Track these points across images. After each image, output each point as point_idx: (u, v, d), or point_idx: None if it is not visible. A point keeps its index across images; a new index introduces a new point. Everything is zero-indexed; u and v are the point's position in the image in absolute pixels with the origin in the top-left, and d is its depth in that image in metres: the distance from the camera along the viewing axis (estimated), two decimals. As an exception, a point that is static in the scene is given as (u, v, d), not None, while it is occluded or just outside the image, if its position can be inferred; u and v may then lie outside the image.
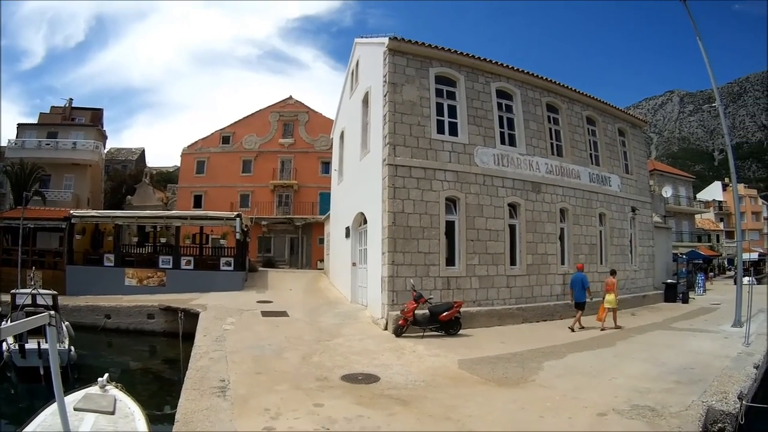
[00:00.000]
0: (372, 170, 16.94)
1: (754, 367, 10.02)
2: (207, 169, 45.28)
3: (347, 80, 23.63)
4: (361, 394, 8.01)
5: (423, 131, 16.15)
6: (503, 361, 10.84)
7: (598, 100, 22.29)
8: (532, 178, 18.37)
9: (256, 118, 46.50)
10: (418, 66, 16.61)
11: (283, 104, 47.14)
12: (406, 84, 16.20)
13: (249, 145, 45.56)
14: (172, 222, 26.15)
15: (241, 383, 8.38)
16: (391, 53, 16.18)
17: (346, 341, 12.72)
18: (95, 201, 43.04)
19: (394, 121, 15.72)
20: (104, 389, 7.17)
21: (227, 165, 45.09)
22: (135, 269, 23.94)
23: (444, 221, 15.99)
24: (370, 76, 18.23)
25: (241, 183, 44.96)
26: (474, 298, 16.19)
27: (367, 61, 19.11)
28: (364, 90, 19.00)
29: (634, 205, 23.24)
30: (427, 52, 16.74)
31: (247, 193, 44.72)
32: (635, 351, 12.22)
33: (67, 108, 46.80)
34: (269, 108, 46.83)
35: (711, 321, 17.71)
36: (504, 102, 18.57)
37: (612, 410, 7.37)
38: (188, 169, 45.85)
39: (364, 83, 19.47)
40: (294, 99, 47.60)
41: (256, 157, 45.44)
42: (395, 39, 16.15)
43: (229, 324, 14.61)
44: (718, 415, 7.41)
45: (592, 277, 19.65)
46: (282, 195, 44.94)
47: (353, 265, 20.09)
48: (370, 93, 18.26)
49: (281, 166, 45.37)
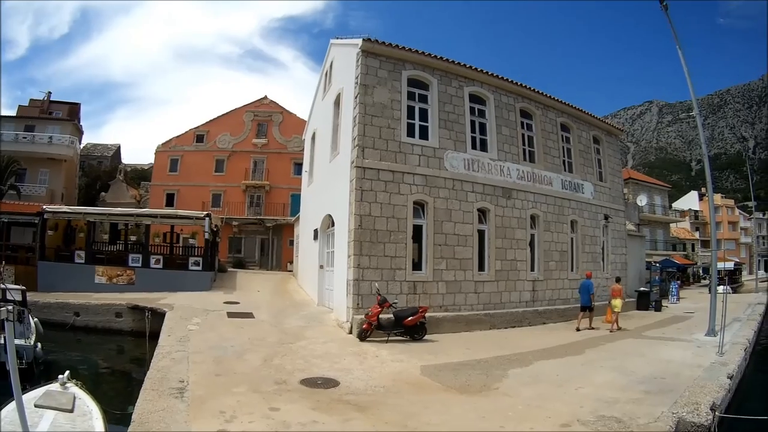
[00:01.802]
0: (341, 172, 16.71)
1: (728, 378, 9.89)
2: (180, 168, 44.85)
3: (321, 81, 23.40)
4: (318, 399, 7.86)
5: (393, 134, 15.95)
6: (467, 367, 10.69)
7: (574, 107, 22.26)
8: (502, 184, 18.25)
9: (231, 117, 46.22)
10: (391, 68, 16.41)
11: (258, 104, 46.94)
12: (378, 86, 16.00)
13: (222, 145, 45.28)
14: (143, 220, 25.86)
15: (199, 384, 8.25)
16: (364, 54, 15.99)
17: (309, 344, 12.56)
18: (69, 197, 42.40)
19: (364, 123, 15.51)
20: (64, 387, 7.15)
21: (200, 164, 44.72)
22: (105, 267, 23.60)
23: (411, 225, 15.79)
24: (343, 78, 18.01)
25: (213, 182, 44.62)
26: (441, 303, 16.01)
27: (341, 63, 18.90)
28: (337, 91, 18.76)
29: (607, 212, 23.27)
30: (401, 54, 16.56)
31: (219, 193, 44.38)
32: (604, 359, 12.07)
33: (45, 101, 46.04)
34: (244, 107, 46.61)
35: (684, 330, 17.68)
36: (477, 106, 18.45)
37: (576, 421, 7.18)
38: (162, 166, 45.36)
39: (336, 84, 19.24)
40: (269, 99, 47.42)
41: (229, 156, 45.14)
42: (368, 40, 15.97)
43: (194, 324, 14.48)
44: (690, 427, 7.26)
45: (563, 284, 19.90)
46: (254, 195, 44.67)
47: (320, 268, 19.87)
48: (342, 94, 18.02)
49: (254, 167, 45.13)
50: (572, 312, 19.61)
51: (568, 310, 19.72)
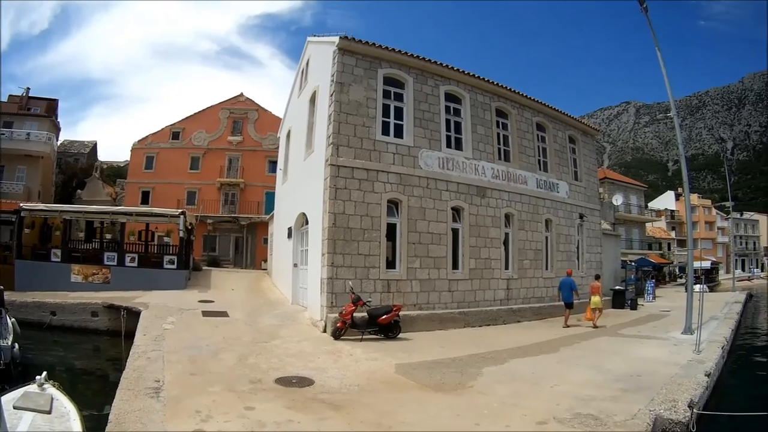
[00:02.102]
0: (315, 170, 16.63)
1: (706, 375, 9.93)
2: (156, 165, 44.30)
3: (297, 79, 23.31)
4: (293, 398, 7.80)
5: (368, 132, 15.91)
6: (442, 366, 10.64)
7: (550, 107, 22.38)
8: (477, 183, 18.28)
9: (207, 115, 45.80)
10: (367, 66, 16.38)
11: (234, 101, 46.56)
12: (354, 84, 15.95)
13: (198, 142, 44.84)
14: (118, 218, 25.51)
15: (175, 384, 8.17)
16: (340, 52, 15.92)
17: (283, 343, 12.48)
18: (46, 194, 41.60)
19: (339, 121, 15.45)
20: (42, 388, 7.08)
21: (176, 161, 44.17)
22: (81, 265, 23.23)
23: (385, 223, 15.75)
24: (319, 75, 17.91)
25: (188, 180, 44.11)
26: (415, 301, 16.00)
27: (318, 60, 18.78)
28: (312, 89, 18.64)
29: (583, 212, 23.44)
30: (377, 52, 16.52)
31: (194, 191, 43.92)
32: (579, 357, 12.09)
33: (24, 97, 45.27)
34: (220, 104, 46.19)
35: (660, 328, 17.77)
36: (452, 105, 18.48)
37: (553, 418, 7.15)
38: (138, 164, 44.78)
39: (312, 82, 19.11)
40: (245, 96, 47.07)
41: (204, 153, 44.70)
42: (346, 38, 15.90)
43: (169, 323, 14.33)
44: (667, 424, 7.27)
45: (537, 283, 20.01)
46: (228, 193, 44.34)
47: (294, 266, 19.75)
48: (317, 92, 17.89)
49: (229, 164, 44.75)
50: (547, 310, 19.87)
51: (543, 309, 19.88)
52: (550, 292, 20.60)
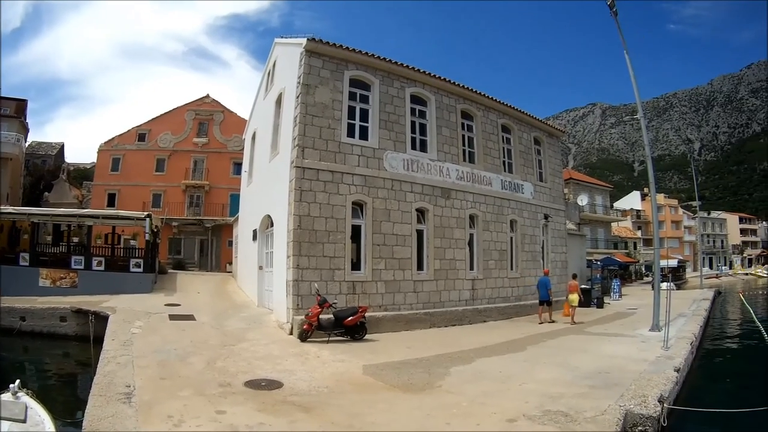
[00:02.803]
0: (280, 172, 16.54)
1: (675, 371, 10.04)
2: (122, 167, 43.66)
3: (263, 80, 23.15)
4: (263, 401, 7.78)
5: (333, 134, 15.89)
6: (409, 366, 10.69)
7: (515, 109, 22.57)
8: (442, 184, 18.38)
9: (173, 116, 45.33)
10: (334, 68, 16.36)
11: (200, 102, 46.21)
12: (320, 86, 15.92)
13: (164, 144, 44.32)
14: (85, 221, 25.29)
15: (146, 389, 8.10)
16: (307, 54, 15.89)
17: (251, 346, 12.43)
18: (14, 197, 40.53)
19: (305, 123, 15.40)
20: (16, 396, 6.90)
21: (142, 163, 43.65)
22: (49, 269, 22.68)
23: (350, 225, 15.75)
24: (286, 77, 17.84)
25: (154, 182, 43.62)
26: (380, 302, 16.03)
27: (284, 62, 18.70)
28: (279, 90, 18.56)
29: (548, 212, 23.69)
30: (344, 54, 16.52)
31: (160, 193, 43.46)
32: (547, 355, 12.22)
33: (-7, 98, 44.31)
34: (186, 106, 45.78)
35: (627, 325, 17.99)
36: (418, 107, 18.55)
37: (522, 416, 7.19)
38: (104, 166, 44.12)
39: (279, 84, 19.04)
40: (211, 98, 46.74)
41: (170, 155, 44.20)
42: (313, 40, 15.86)
43: (137, 327, 14.15)
44: (638, 419, 7.33)
45: (502, 283, 20.18)
46: (193, 195, 43.98)
47: (260, 269, 19.67)
48: (284, 94, 17.83)
49: (194, 166, 44.38)
50: (513, 310, 20.09)
51: (509, 309, 20.08)
52: (516, 291, 20.84)
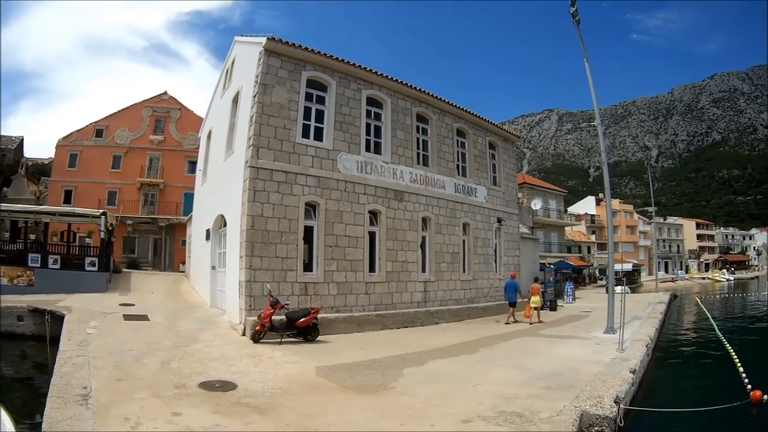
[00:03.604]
0: (234, 172, 16.43)
1: (631, 372, 10.13)
2: (79, 163, 42.64)
3: (221, 79, 22.91)
4: (218, 402, 7.73)
5: (288, 135, 15.85)
6: (362, 367, 10.70)
7: (471, 113, 22.84)
8: (395, 186, 18.51)
9: (131, 112, 44.57)
10: (292, 68, 16.33)
11: (158, 99, 45.51)
12: (277, 86, 15.88)
13: (120, 140, 43.52)
14: (42, 218, 24.53)
15: (102, 390, 7.95)
16: (266, 53, 15.82)
17: (204, 347, 12.30)
18: (-27, 193, 39.75)
19: (261, 122, 15.33)
20: None
21: (98, 159, 42.71)
22: (6, 267, 21.99)
23: (303, 226, 15.74)
24: (244, 76, 17.70)
25: (110, 179, 42.79)
26: (332, 304, 16.05)
27: (243, 61, 18.55)
28: (236, 89, 18.39)
29: (501, 216, 24.00)
30: (302, 54, 16.49)
31: (115, 191, 42.64)
32: (500, 357, 12.30)
33: (-47, 92, 43.05)
34: (144, 102, 45.09)
35: (581, 328, 18.27)
36: (374, 110, 18.65)
37: (477, 417, 7.20)
38: (62, 162, 42.99)
39: (237, 82, 18.87)
40: (169, 95, 46.12)
41: (126, 152, 43.42)
42: (272, 39, 15.79)
43: (92, 328, 13.83)
44: (594, 419, 7.37)
45: (454, 285, 20.39)
46: (148, 194, 43.30)
47: (213, 269, 19.50)
48: (241, 93, 17.68)
49: (149, 164, 43.68)
50: (465, 312, 20.32)
51: (461, 311, 20.28)
52: (468, 294, 21.11)
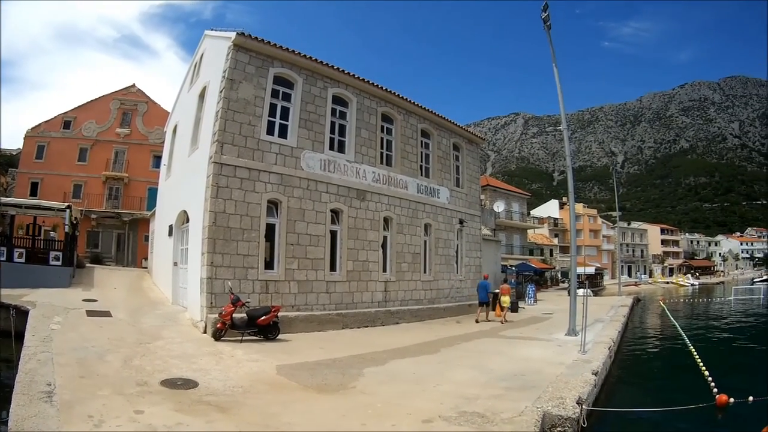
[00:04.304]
0: (198, 167, 16.34)
1: (593, 374, 10.22)
2: (46, 155, 41.77)
3: (189, 73, 22.70)
4: (180, 401, 7.73)
5: (253, 131, 15.83)
6: (323, 367, 10.73)
7: (436, 114, 23.03)
8: (357, 186, 18.60)
9: (98, 104, 43.78)
10: (259, 64, 16.31)
11: (126, 92, 44.87)
12: (244, 81, 15.84)
13: (88, 133, 42.73)
14: (8, 210, 24.08)
15: (66, 388, 7.90)
16: (235, 49, 15.77)
17: (166, 344, 12.22)
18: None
19: (226, 118, 15.26)
20: None
21: (65, 152, 41.90)
22: None
23: (264, 224, 15.72)
24: (211, 71, 17.59)
25: (76, 172, 41.94)
26: (293, 302, 16.07)
27: (212, 55, 18.40)
28: (203, 84, 18.28)
29: (463, 217, 24.25)
30: (271, 51, 16.48)
31: (81, 184, 41.82)
32: (461, 358, 12.40)
33: None
34: (112, 95, 44.35)
35: (543, 330, 18.46)
36: (339, 108, 18.71)
37: (438, 417, 7.28)
38: (29, 153, 42.12)
39: (204, 77, 18.73)
40: (137, 88, 45.56)
41: (92, 145, 42.66)
42: (242, 35, 15.74)
43: (56, 323, 13.61)
44: (557, 420, 7.44)
45: (415, 285, 20.56)
46: (113, 188, 42.67)
47: (175, 265, 19.32)
48: (207, 88, 17.60)
49: (115, 157, 43.00)
50: (426, 313, 20.48)
51: (422, 311, 20.44)
52: (429, 294, 21.31)
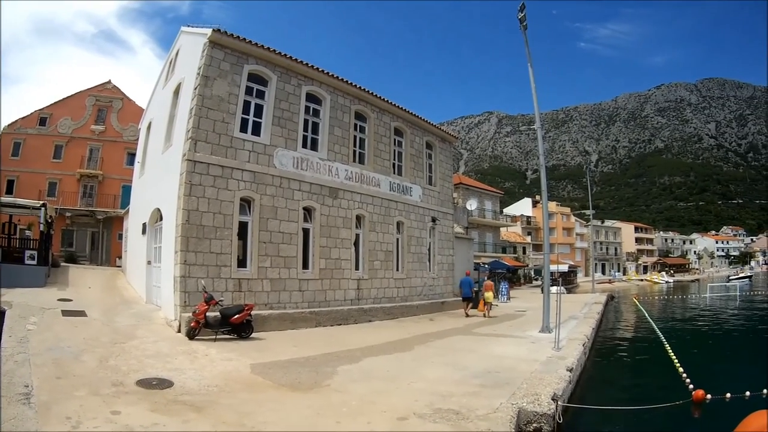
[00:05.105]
0: (172, 165, 16.24)
1: (568, 370, 10.32)
2: (22, 152, 40.98)
3: (164, 69, 22.50)
4: (155, 400, 7.76)
5: (226, 128, 15.80)
6: (297, 365, 10.76)
7: (410, 113, 23.19)
8: (330, 183, 18.68)
9: (74, 101, 43.04)
10: (234, 61, 16.29)
11: (101, 88, 44.17)
12: (219, 78, 15.81)
13: (63, 129, 41.99)
14: None
15: (43, 389, 7.90)
16: (211, 45, 15.73)
17: (141, 343, 12.17)
18: None
19: (200, 115, 15.23)
20: None
21: (41, 149, 41.19)
22: None
23: (237, 222, 15.70)
24: (187, 67, 17.47)
25: (51, 169, 41.24)
26: (266, 301, 16.08)
27: (187, 51, 18.31)
28: (178, 80, 18.16)
29: (435, 215, 24.48)
30: (245, 47, 16.48)
31: (56, 181, 41.15)
32: (434, 355, 12.47)
33: None
34: (87, 91, 43.62)
35: (516, 327, 18.57)
36: (313, 106, 18.79)
37: (413, 414, 7.33)
38: (5, 150, 40.92)
39: (179, 73, 18.60)
40: (112, 84, 44.90)
41: (67, 142, 41.93)
42: (218, 31, 15.70)
43: (32, 324, 13.44)
44: (532, 416, 7.49)
45: (388, 283, 20.69)
46: (87, 185, 42.03)
47: (148, 264, 19.18)
48: (182, 84, 17.47)
49: (89, 155, 42.38)
50: (398, 310, 20.62)
51: (395, 309, 20.58)
52: (402, 292, 21.48)
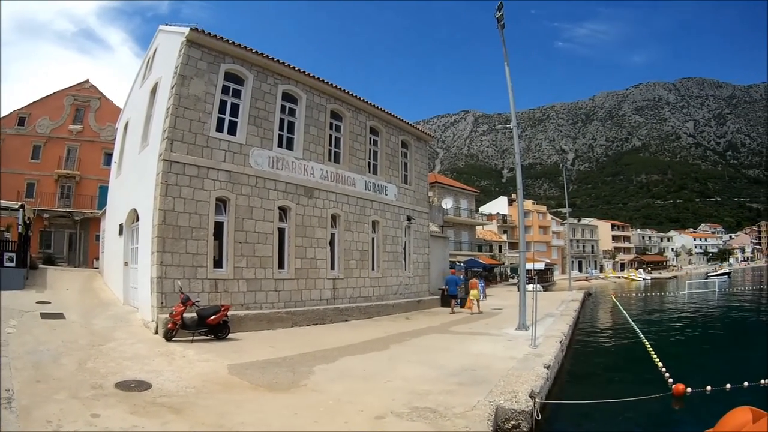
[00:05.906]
0: (148, 165, 16.15)
1: (545, 367, 10.34)
2: (1, 153, 39.80)
3: (142, 68, 22.33)
4: (134, 403, 7.76)
5: (202, 128, 15.76)
6: (273, 365, 10.79)
7: (385, 112, 23.35)
8: (305, 183, 18.73)
9: (53, 100, 42.44)
10: (211, 60, 16.26)
11: (80, 87, 43.58)
12: (195, 77, 15.77)
13: (41, 129, 41.36)
14: None
15: (23, 393, 7.88)
16: (188, 44, 15.68)
17: (119, 346, 12.13)
18: None
19: (176, 115, 15.17)
20: None
21: (19, 149, 40.43)
22: None
23: (213, 222, 15.68)
24: (164, 67, 17.36)
25: (29, 170, 40.60)
26: (242, 301, 16.09)
27: (165, 50, 18.17)
28: (155, 80, 18.07)
29: (411, 214, 24.67)
30: (222, 46, 16.46)
31: (34, 182, 40.58)
32: (411, 354, 12.51)
33: None
34: (66, 90, 43.02)
35: (492, 325, 18.61)
36: (288, 105, 18.84)
37: (390, 413, 7.36)
38: None
39: (156, 72, 18.50)
40: (90, 83, 44.32)
41: (45, 142, 41.30)
42: (195, 30, 15.66)
43: (11, 327, 13.36)
44: (510, 414, 7.51)
45: (363, 282, 20.84)
46: (65, 186, 41.44)
47: (125, 265, 19.06)
48: (159, 83, 17.40)
49: (67, 155, 41.76)
50: (374, 309, 20.77)
51: (371, 308, 20.71)
52: (377, 291, 21.63)
